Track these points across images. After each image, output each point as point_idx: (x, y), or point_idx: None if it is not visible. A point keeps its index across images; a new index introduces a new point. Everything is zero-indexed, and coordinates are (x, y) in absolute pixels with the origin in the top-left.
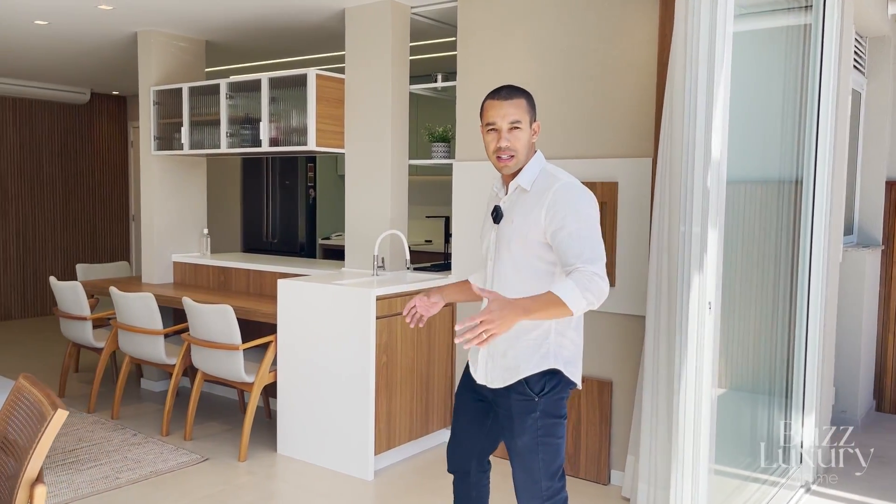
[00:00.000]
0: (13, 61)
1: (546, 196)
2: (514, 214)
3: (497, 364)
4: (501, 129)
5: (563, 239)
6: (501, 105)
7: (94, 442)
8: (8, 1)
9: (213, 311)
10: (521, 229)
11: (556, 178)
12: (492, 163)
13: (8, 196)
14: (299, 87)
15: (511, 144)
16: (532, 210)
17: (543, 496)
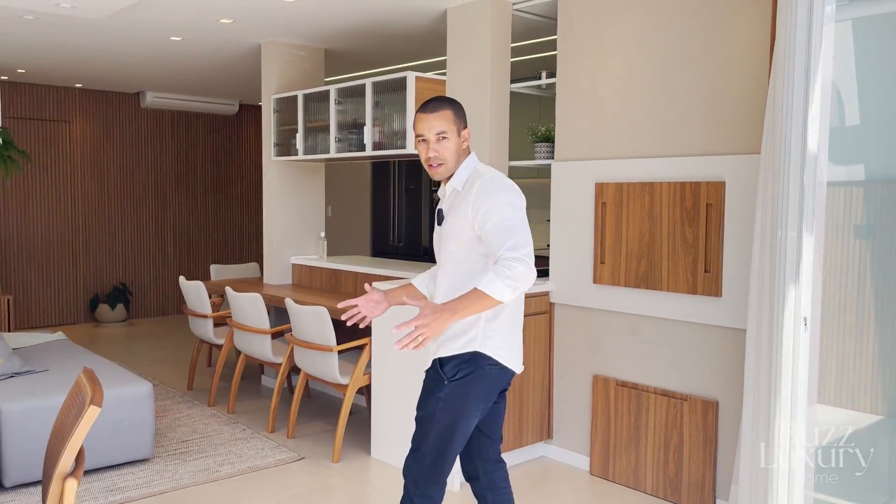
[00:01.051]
0: (170, 77)
1: (471, 192)
2: (450, 214)
3: (439, 337)
4: (430, 140)
5: (487, 231)
6: (428, 118)
7: (206, 434)
8: (145, 20)
9: (310, 313)
10: (454, 227)
11: (481, 174)
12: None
13: (167, 203)
14: (400, 90)
15: (438, 154)
16: (461, 207)
17: (412, 481)
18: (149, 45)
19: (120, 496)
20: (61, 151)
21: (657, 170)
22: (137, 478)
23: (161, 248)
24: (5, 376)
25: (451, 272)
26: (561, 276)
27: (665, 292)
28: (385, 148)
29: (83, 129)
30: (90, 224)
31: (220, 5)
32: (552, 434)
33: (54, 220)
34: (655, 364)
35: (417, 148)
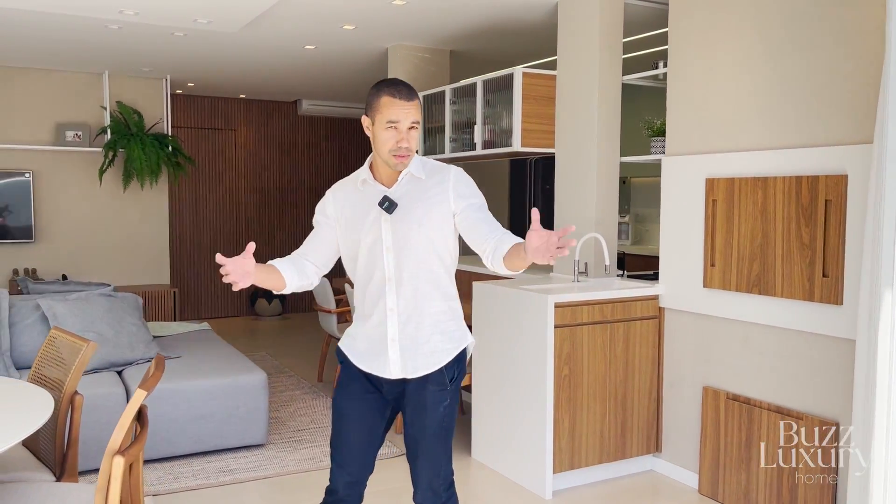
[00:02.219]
0: (321, 85)
1: (447, 178)
2: (413, 201)
3: (420, 351)
4: (401, 129)
5: (475, 213)
6: (406, 105)
7: (322, 425)
8: (279, 32)
9: None
10: (428, 213)
11: (442, 164)
12: (385, 159)
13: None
14: (510, 88)
15: (410, 145)
16: (436, 193)
17: (444, 484)
18: (289, 55)
19: (230, 477)
20: (227, 157)
21: (771, 163)
22: (248, 462)
23: None
24: (143, 361)
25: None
26: (671, 280)
27: (778, 298)
28: (494, 146)
29: (247, 137)
30: (252, 224)
31: (342, 12)
32: (661, 447)
33: (221, 220)
34: (769, 377)
35: (380, 134)
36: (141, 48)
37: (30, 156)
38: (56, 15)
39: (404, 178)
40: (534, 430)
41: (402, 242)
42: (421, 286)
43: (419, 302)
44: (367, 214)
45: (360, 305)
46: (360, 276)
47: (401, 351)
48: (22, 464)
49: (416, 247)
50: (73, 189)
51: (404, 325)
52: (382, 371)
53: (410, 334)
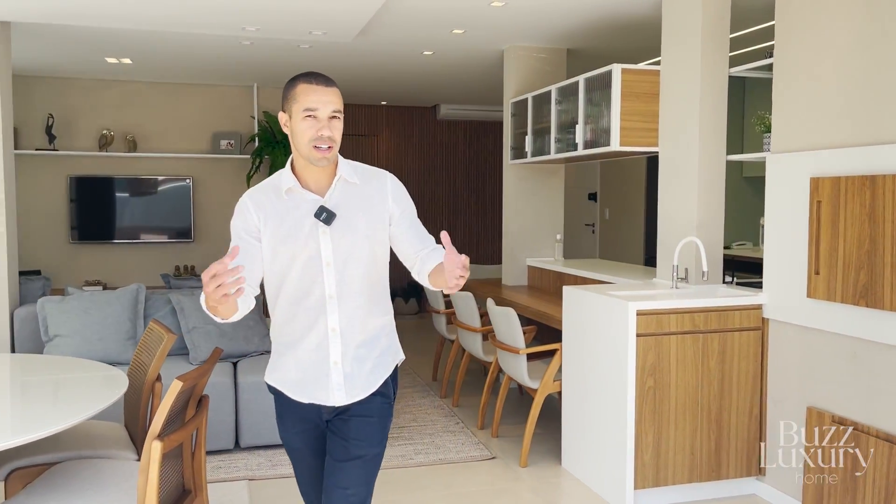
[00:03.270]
0: (457, 89)
1: (385, 185)
2: (353, 210)
3: (362, 371)
4: (320, 118)
5: (411, 224)
6: (324, 91)
7: (423, 423)
8: (396, 39)
9: (501, 314)
10: (370, 223)
11: (372, 167)
12: (305, 154)
13: (458, 206)
14: (609, 85)
15: (333, 135)
16: (376, 201)
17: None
18: (411, 62)
19: None
20: (369, 162)
21: (881, 159)
22: None
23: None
24: (258, 353)
25: (357, 281)
26: (776, 288)
27: (889, 312)
28: (594, 146)
29: (388, 142)
30: None
31: (447, 17)
32: (765, 470)
33: None
34: (879, 400)
35: (297, 126)
36: (277, 61)
37: (190, 163)
38: (202, 35)
39: (337, 184)
40: (615, 443)
41: (345, 256)
42: (364, 302)
43: (364, 319)
44: (299, 227)
45: (286, 329)
46: (290, 296)
47: (345, 375)
48: (115, 442)
49: (360, 260)
50: (225, 193)
51: (348, 346)
52: (325, 399)
53: (354, 355)
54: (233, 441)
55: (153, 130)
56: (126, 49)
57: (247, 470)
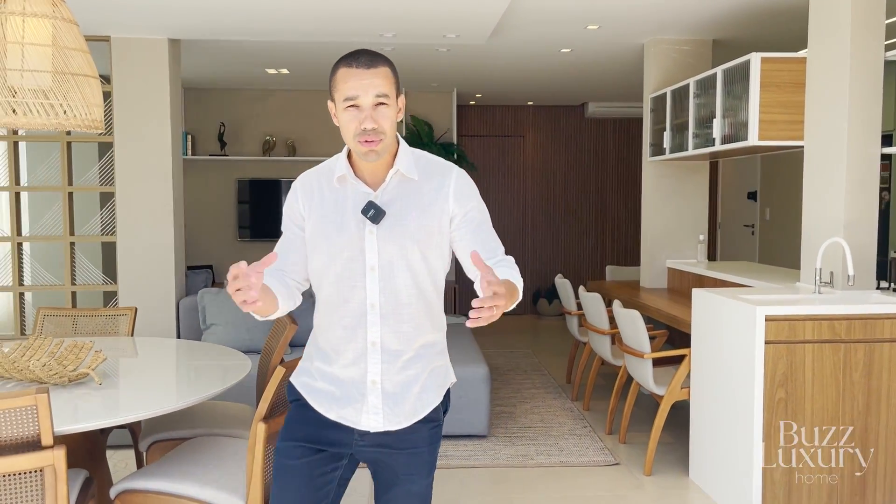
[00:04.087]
0: (606, 87)
1: (448, 181)
2: (406, 209)
3: (408, 394)
4: (364, 107)
5: (475, 229)
6: (365, 74)
7: (550, 424)
8: (530, 38)
9: (626, 316)
10: (423, 225)
11: (439, 161)
12: (352, 148)
13: (606, 205)
14: (748, 76)
15: (379, 125)
16: (433, 199)
17: None
18: (549, 60)
19: (442, 461)
20: (515, 163)
21: None
22: (463, 450)
23: (600, 247)
24: None
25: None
26: None
27: None
28: (733, 140)
29: (535, 142)
30: (536, 226)
31: (580, 13)
32: None
33: (508, 222)
34: None
35: (341, 117)
36: (420, 65)
37: None
38: (348, 44)
39: (393, 179)
40: (741, 458)
41: (392, 261)
42: (412, 315)
43: (410, 335)
44: (344, 222)
45: (323, 337)
46: (328, 301)
47: (384, 397)
48: (242, 422)
49: (409, 267)
50: None
51: (391, 363)
52: (355, 421)
53: (397, 376)
54: None
55: (310, 135)
56: (283, 60)
57: None
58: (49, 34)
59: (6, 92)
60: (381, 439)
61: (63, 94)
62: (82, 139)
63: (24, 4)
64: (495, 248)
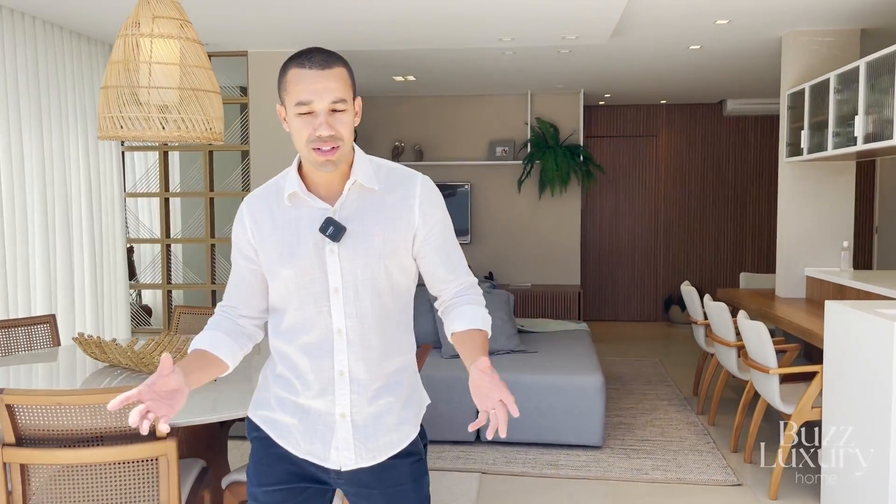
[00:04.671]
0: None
1: (412, 191)
2: (369, 224)
3: (380, 426)
4: (318, 112)
5: (438, 247)
6: (318, 77)
7: (670, 438)
8: (655, 36)
9: (751, 328)
10: (388, 242)
11: (402, 169)
12: (305, 158)
13: (745, 207)
14: (894, 69)
15: (337, 131)
16: (399, 212)
17: None
18: (678, 58)
19: (553, 471)
20: (647, 164)
21: None
22: (575, 459)
23: (738, 253)
24: (504, 351)
25: (371, 309)
26: None
27: None
28: (878, 139)
29: (668, 142)
30: (669, 229)
31: (706, 8)
32: None
33: (639, 225)
34: None
35: (293, 123)
36: (544, 67)
37: (468, 170)
38: (470, 49)
39: (351, 191)
40: (878, 488)
41: (357, 281)
42: (380, 340)
43: (380, 361)
44: (301, 243)
45: (282, 363)
46: (288, 331)
47: (354, 430)
48: None
49: (375, 287)
50: (498, 197)
51: (360, 394)
52: (324, 458)
53: (368, 407)
54: (474, 434)
55: (437, 140)
56: (409, 67)
57: (482, 463)
58: (176, 54)
59: (138, 108)
60: (357, 477)
61: (186, 108)
62: (223, 148)
63: (153, 27)
64: (458, 265)
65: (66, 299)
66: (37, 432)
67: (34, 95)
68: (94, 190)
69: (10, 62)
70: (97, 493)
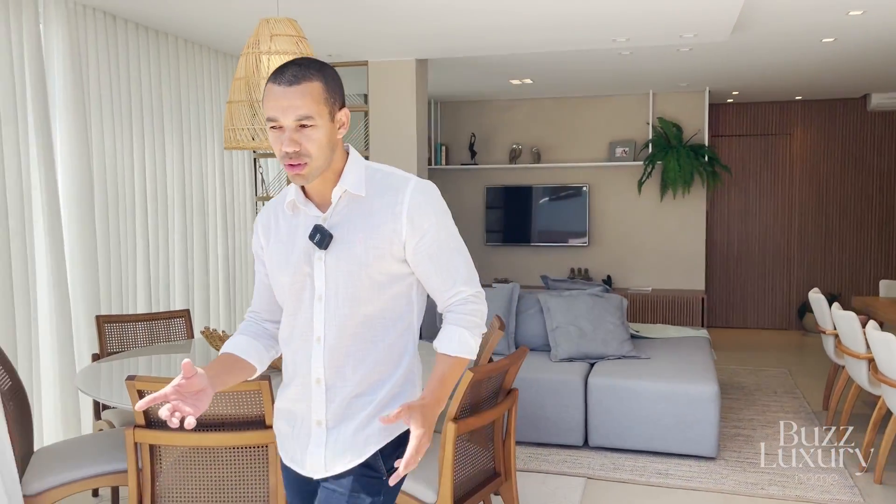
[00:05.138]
0: (882, 75)
1: (400, 197)
2: (353, 231)
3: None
4: (287, 127)
5: (431, 255)
6: (284, 94)
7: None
8: (788, 28)
9: (880, 340)
10: (370, 250)
11: (399, 175)
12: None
13: (893, 212)
14: None
15: (302, 148)
16: (384, 220)
17: None
18: (810, 52)
19: (660, 479)
20: (780, 163)
21: None
22: (687, 470)
23: (883, 259)
24: (615, 356)
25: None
26: None
27: None
28: None
29: (803, 141)
30: (805, 232)
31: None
32: None
33: (771, 228)
34: None
35: (269, 137)
36: (663, 67)
37: (587, 171)
38: (588, 51)
39: (342, 198)
40: None
41: (338, 290)
42: (360, 349)
43: (359, 372)
44: (295, 250)
45: (284, 369)
46: (286, 333)
47: (327, 435)
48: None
49: (355, 296)
50: (618, 199)
51: (336, 402)
52: (301, 464)
53: (341, 415)
54: (582, 439)
55: (554, 142)
56: (525, 70)
57: (588, 468)
58: None
59: (256, 120)
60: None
61: None
62: None
63: (271, 45)
64: (456, 275)
65: (202, 295)
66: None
67: (175, 107)
68: (228, 194)
69: (155, 77)
70: (215, 474)
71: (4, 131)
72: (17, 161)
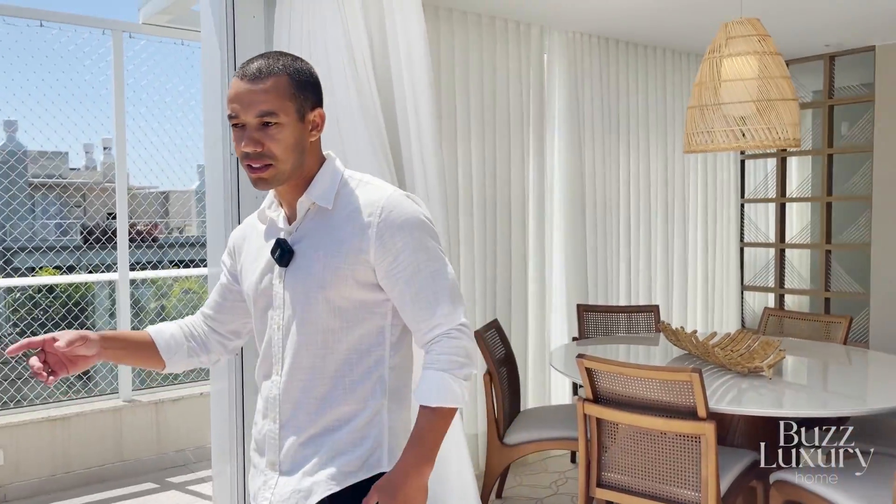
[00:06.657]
0: None
1: (369, 210)
2: (314, 247)
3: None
4: (249, 126)
5: (408, 280)
6: (248, 89)
7: None
8: None
9: None
10: (329, 270)
11: (376, 185)
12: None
13: None
14: None
15: (265, 148)
16: (348, 235)
17: None
18: None
19: None
20: None
21: None
22: None
23: None
24: None
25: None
26: None
27: None
28: None
29: None
30: None
31: None
32: None
33: None
34: None
35: (232, 136)
36: None
37: None
38: None
39: (311, 210)
40: None
41: (295, 313)
42: (318, 387)
43: (315, 405)
44: (260, 267)
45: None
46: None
47: (279, 478)
48: None
49: (312, 321)
50: None
51: (290, 442)
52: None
53: (297, 455)
54: None
55: None
56: None
57: None
58: (754, 68)
59: (717, 123)
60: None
61: (763, 118)
62: (842, 151)
63: (726, 48)
64: (433, 307)
65: (680, 291)
66: (607, 394)
67: (660, 113)
68: (711, 194)
69: (642, 87)
70: (654, 455)
71: (512, 142)
72: (521, 167)
